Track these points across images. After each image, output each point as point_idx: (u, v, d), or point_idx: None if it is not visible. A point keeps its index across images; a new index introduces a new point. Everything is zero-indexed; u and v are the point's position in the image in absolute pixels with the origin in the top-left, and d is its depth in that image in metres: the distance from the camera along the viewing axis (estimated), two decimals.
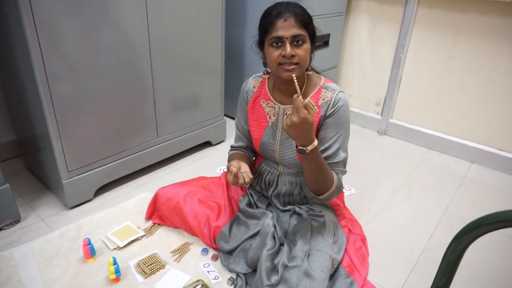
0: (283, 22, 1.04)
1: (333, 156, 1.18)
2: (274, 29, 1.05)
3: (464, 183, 1.95)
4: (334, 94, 1.17)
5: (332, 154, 1.18)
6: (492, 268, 1.38)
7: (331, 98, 1.17)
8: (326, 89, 1.19)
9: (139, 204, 1.60)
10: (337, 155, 1.18)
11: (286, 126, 1.00)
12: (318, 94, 1.19)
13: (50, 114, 1.37)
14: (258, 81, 1.30)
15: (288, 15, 1.05)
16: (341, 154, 1.19)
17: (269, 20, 1.07)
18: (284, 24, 1.04)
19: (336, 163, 1.19)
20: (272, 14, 1.07)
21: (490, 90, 2.02)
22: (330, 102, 1.17)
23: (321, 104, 1.18)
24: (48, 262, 1.28)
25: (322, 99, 1.18)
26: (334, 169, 1.18)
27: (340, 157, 1.18)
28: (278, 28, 1.05)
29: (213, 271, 1.27)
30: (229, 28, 2.21)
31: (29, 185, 1.74)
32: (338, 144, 1.18)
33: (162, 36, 1.65)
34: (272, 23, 1.06)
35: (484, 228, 0.67)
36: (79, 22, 1.35)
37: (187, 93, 1.88)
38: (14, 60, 1.42)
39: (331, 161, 1.18)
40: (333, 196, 1.19)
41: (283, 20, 1.04)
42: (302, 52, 1.07)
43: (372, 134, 2.49)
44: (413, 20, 2.15)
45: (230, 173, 1.11)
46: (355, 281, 1.21)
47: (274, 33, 1.05)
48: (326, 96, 1.18)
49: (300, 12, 1.07)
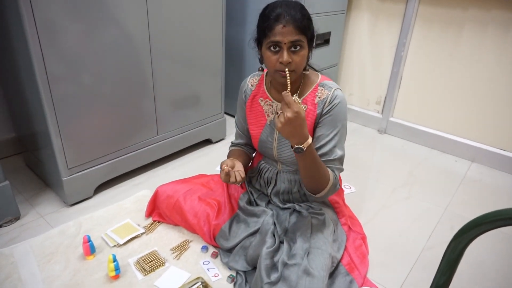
0: (282, 28, 1.03)
1: (330, 154, 1.17)
2: (273, 34, 1.04)
3: (465, 182, 1.95)
4: (331, 91, 1.17)
5: (329, 152, 1.17)
6: (492, 267, 1.38)
7: (327, 95, 1.17)
8: (323, 87, 1.19)
9: (139, 201, 1.60)
10: (333, 153, 1.18)
11: (280, 124, 1.00)
12: (314, 92, 1.19)
13: (50, 112, 1.37)
14: (256, 80, 1.30)
15: (287, 20, 1.03)
16: (337, 151, 1.18)
17: (268, 24, 1.05)
18: (283, 30, 1.03)
19: (333, 161, 1.18)
20: (271, 17, 1.05)
21: (491, 89, 2.01)
22: (326, 100, 1.16)
23: (317, 102, 1.18)
24: (48, 259, 1.28)
25: (318, 97, 1.18)
26: (330, 167, 1.18)
27: (336, 154, 1.18)
28: (277, 34, 1.03)
29: (213, 268, 1.27)
30: (229, 27, 2.21)
31: (29, 183, 1.74)
32: (334, 141, 1.17)
33: (163, 35, 1.64)
34: (271, 27, 1.04)
35: (484, 227, 0.67)
36: (79, 21, 1.35)
37: (187, 91, 1.88)
38: (15, 58, 1.41)
39: (327, 159, 1.17)
40: (329, 194, 1.18)
41: (282, 26, 1.03)
42: (298, 58, 1.07)
43: (372, 132, 2.49)
44: (414, 17, 2.14)
45: (222, 171, 1.12)
46: (355, 279, 1.21)
47: (272, 38, 1.04)
48: (323, 94, 1.18)
49: (300, 17, 1.04)
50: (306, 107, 1.18)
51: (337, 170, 1.20)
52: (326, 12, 2.17)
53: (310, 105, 1.18)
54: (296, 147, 1.04)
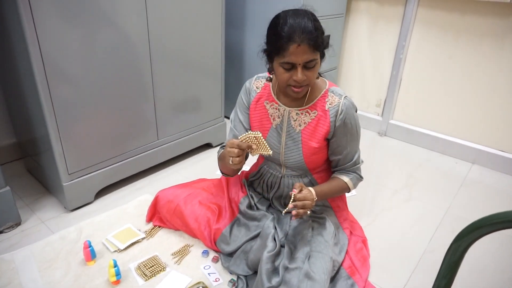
0: (296, 48, 1.00)
1: (349, 160, 1.26)
2: (287, 54, 1.02)
3: (465, 184, 1.94)
4: (341, 99, 1.17)
5: (350, 160, 1.26)
6: (493, 269, 1.37)
7: (338, 103, 1.17)
8: (333, 93, 1.19)
9: (139, 206, 1.60)
10: (352, 158, 1.26)
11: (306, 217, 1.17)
12: (324, 98, 1.19)
13: (51, 117, 1.38)
14: (261, 82, 1.29)
15: (301, 39, 1.00)
16: (355, 155, 1.27)
17: (281, 44, 1.02)
18: (297, 50, 1.01)
19: (352, 164, 1.27)
20: (284, 35, 1.01)
21: (491, 91, 2.01)
22: (338, 109, 1.17)
23: (328, 108, 1.18)
24: (49, 265, 1.28)
25: (329, 103, 1.18)
26: (352, 168, 1.28)
27: (354, 157, 1.27)
28: (291, 54, 1.01)
29: (214, 273, 1.27)
30: (229, 30, 2.21)
31: (30, 188, 1.74)
32: (353, 149, 1.25)
33: (162, 38, 1.65)
34: (284, 48, 1.02)
35: (485, 229, 0.67)
36: (79, 25, 1.35)
37: (187, 95, 1.88)
38: (15, 63, 1.42)
39: (349, 166, 1.27)
40: (355, 187, 1.31)
41: (296, 46, 1.00)
42: (312, 74, 1.07)
43: (372, 135, 2.49)
44: (413, 20, 2.15)
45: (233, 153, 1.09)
46: (356, 282, 1.20)
47: (287, 59, 1.03)
48: (334, 100, 1.18)
49: (314, 33, 1.01)
50: (317, 112, 1.19)
51: (358, 169, 1.30)
52: (325, 15, 2.18)
53: (321, 111, 1.19)
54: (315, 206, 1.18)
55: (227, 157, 1.11)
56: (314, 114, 1.19)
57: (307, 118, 1.20)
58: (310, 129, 1.20)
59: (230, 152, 1.09)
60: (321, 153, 1.24)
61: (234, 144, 1.09)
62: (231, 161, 1.11)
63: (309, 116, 1.20)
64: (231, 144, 1.10)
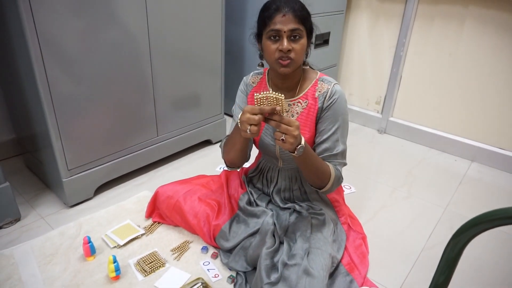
0: (282, 17, 1.07)
1: (332, 148, 1.19)
2: (273, 23, 1.08)
3: (464, 181, 1.95)
4: (331, 86, 1.19)
5: (331, 146, 1.19)
6: (491, 266, 1.38)
7: (327, 89, 1.19)
8: (323, 81, 1.21)
9: (139, 202, 1.61)
10: (335, 147, 1.19)
11: (290, 145, 0.99)
12: (314, 87, 1.21)
13: (50, 113, 1.37)
14: (258, 77, 1.32)
15: (287, 10, 1.07)
16: (339, 145, 1.20)
17: (268, 14, 1.09)
18: (283, 19, 1.07)
19: (335, 155, 1.20)
20: (272, 8, 1.09)
21: (491, 89, 2.01)
22: (326, 94, 1.18)
23: (317, 96, 1.20)
24: (48, 260, 1.28)
25: (318, 91, 1.20)
26: (333, 161, 1.19)
27: (338, 148, 1.19)
28: (277, 22, 1.07)
29: (213, 269, 1.28)
30: (229, 26, 2.21)
31: (29, 184, 1.74)
32: (336, 136, 1.19)
33: (162, 35, 1.65)
34: (271, 17, 1.08)
35: (483, 226, 0.67)
36: (78, 21, 1.35)
37: (187, 92, 1.88)
38: (14, 59, 1.42)
39: (330, 153, 1.19)
40: (333, 188, 1.20)
41: (282, 15, 1.07)
42: (298, 47, 1.09)
43: (372, 132, 2.49)
44: (413, 17, 2.15)
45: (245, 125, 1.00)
46: (355, 279, 1.21)
47: (272, 26, 1.08)
48: (323, 88, 1.20)
49: (299, 8, 1.09)
50: (307, 102, 1.20)
51: (340, 165, 1.21)
52: (325, 12, 2.18)
53: (311, 100, 1.20)
54: (297, 149, 1.03)
55: (244, 125, 0.99)
56: (305, 103, 1.21)
57: (299, 108, 1.21)
58: (303, 119, 1.21)
59: (250, 119, 0.97)
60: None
61: (256, 109, 0.97)
62: (249, 130, 0.98)
63: (300, 106, 1.21)
64: (251, 109, 0.97)
